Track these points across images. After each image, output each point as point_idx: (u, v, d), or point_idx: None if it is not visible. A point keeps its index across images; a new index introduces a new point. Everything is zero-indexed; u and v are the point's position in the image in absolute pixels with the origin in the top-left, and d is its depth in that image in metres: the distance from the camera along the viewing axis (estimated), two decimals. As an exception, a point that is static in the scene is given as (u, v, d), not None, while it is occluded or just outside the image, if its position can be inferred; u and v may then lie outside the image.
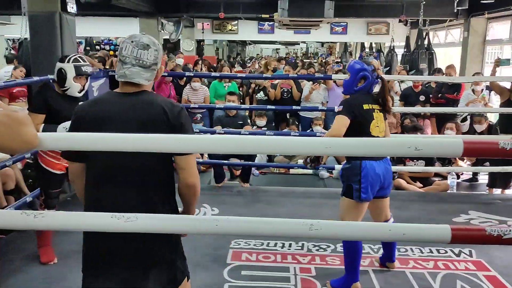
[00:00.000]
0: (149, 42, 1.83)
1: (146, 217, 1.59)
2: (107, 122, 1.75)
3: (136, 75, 1.79)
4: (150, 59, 1.81)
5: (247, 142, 1.61)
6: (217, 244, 3.68)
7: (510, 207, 4.77)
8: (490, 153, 1.52)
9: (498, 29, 9.68)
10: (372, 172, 2.93)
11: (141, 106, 1.78)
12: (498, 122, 5.60)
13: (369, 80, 3.04)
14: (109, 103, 1.81)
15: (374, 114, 3.00)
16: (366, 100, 3.03)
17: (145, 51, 1.80)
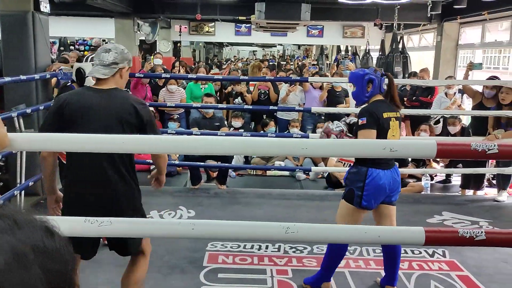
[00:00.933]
0: (112, 47, 2.32)
1: (120, 221, 1.56)
2: (90, 110, 2.19)
3: (96, 71, 2.25)
4: (110, 59, 2.26)
5: (224, 143, 1.60)
6: (194, 247, 3.65)
7: (482, 208, 4.88)
8: (462, 154, 1.56)
9: (470, 34, 9.91)
10: (378, 181, 2.82)
11: (116, 100, 2.23)
12: (470, 124, 5.73)
13: (376, 81, 2.93)
14: (89, 95, 2.25)
15: (390, 123, 2.89)
16: (385, 108, 2.92)
17: (106, 53, 2.27)
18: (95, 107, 2.18)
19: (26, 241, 0.50)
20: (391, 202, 2.98)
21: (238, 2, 9.90)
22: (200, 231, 1.55)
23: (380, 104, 2.93)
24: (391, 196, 2.95)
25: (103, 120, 2.16)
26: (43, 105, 4.68)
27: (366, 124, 2.81)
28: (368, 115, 2.83)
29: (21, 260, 0.49)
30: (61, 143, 1.51)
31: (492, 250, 3.74)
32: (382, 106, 2.91)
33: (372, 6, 10.18)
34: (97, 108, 2.18)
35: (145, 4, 10.39)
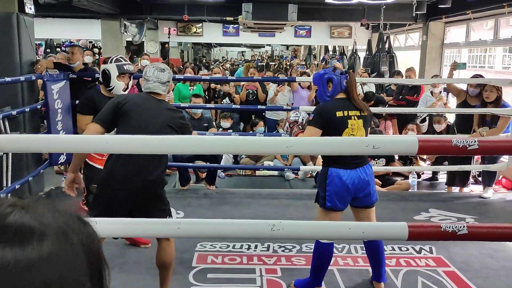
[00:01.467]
0: (164, 67, 2.80)
1: (108, 221, 1.57)
2: (141, 106, 2.65)
3: (156, 87, 2.73)
4: (165, 78, 2.76)
5: (210, 142, 1.61)
6: (182, 247, 3.64)
7: (468, 205, 4.94)
8: (444, 150, 1.58)
9: (455, 33, 10.02)
10: (338, 181, 2.78)
11: (165, 108, 2.75)
12: (455, 122, 5.80)
13: (335, 79, 2.91)
14: (144, 98, 2.74)
15: (349, 121, 2.82)
16: (342, 106, 2.86)
17: (162, 73, 2.75)
18: (148, 107, 2.67)
19: (67, 223, 0.54)
20: (367, 205, 2.92)
21: (226, 2, 9.90)
22: (186, 230, 1.55)
23: (337, 102, 2.89)
24: (362, 198, 2.88)
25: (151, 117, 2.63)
26: (28, 107, 4.65)
27: (311, 121, 2.85)
28: (316, 113, 2.86)
29: (67, 236, 0.53)
30: (46, 144, 1.51)
31: (478, 245, 3.79)
32: (338, 104, 2.87)
33: (358, 6, 10.24)
34: (149, 107, 2.67)
35: (132, 5, 10.35)
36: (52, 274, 0.50)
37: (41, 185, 5.19)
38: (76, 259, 0.53)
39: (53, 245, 0.51)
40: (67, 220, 0.55)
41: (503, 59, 9.65)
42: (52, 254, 0.51)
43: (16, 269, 0.48)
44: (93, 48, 15.53)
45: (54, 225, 0.53)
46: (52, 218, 0.54)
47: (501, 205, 5.03)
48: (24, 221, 0.52)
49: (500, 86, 5.01)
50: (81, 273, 0.53)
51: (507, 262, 3.57)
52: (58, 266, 0.51)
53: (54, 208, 0.56)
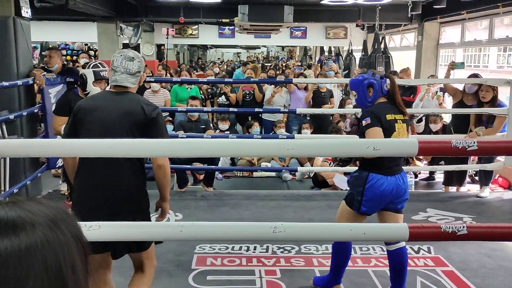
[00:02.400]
0: (134, 55, 2.41)
1: (108, 225, 1.57)
2: (95, 110, 2.31)
3: (124, 80, 2.35)
4: (135, 68, 2.37)
5: (208, 145, 1.62)
6: (181, 250, 3.65)
7: (465, 204, 4.97)
8: (443, 151, 1.60)
9: (450, 33, 10.07)
10: (378, 188, 2.74)
11: (124, 101, 2.33)
12: (451, 122, 5.83)
13: (376, 84, 2.88)
14: (101, 98, 2.43)
15: (396, 125, 2.82)
16: (389, 110, 2.85)
17: (131, 62, 2.37)
18: (102, 107, 2.33)
19: (54, 214, 0.61)
20: (397, 210, 2.87)
21: (221, 4, 9.91)
22: (188, 233, 1.56)
23: (382, 105, 2.88)
24: (396, 203, 2.84)
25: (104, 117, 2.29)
26: (26, 111, 4.64)
27: (370, 123, 2.76)
28: (370, 115, 2.79)
29: (56, 224, 0.59)
30: (44, 148, 1.51)
31: (476, 245, 3.81)
32: (385, 108, 2.85)
33: (353, 7, 10.28)
34: (102, 107, 2.33)
35: (128, 7, 10.34)
36: (50, 258, 0.56)
37: (38, 188, 5.18)
38: (68, 244, 0.58)
39: (45, 232, 0.57)
40: (54, 212, 0.61)
41: (498, 58, 9.71)
42: (46, 240, 0.56)
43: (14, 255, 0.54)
44: (89, 51, 15.50)
45: (43, 216, 0.59)
46: (40, 210, 0.60)
47: (498, 204, 5.05)
48: (14, 214, 0.57)
49: (496, 86, 5.04)
50: (73, 256, 0.59)
51: (505, 262, 3.59)
52: (53, 250, 0.57)
53: (41, 203, 0.62)
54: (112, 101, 2.36)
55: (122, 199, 2.19)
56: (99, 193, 2.21)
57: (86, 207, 2.22)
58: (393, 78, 2.98)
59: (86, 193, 2.27)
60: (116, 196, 2.19)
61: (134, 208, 2.20)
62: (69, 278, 0.58)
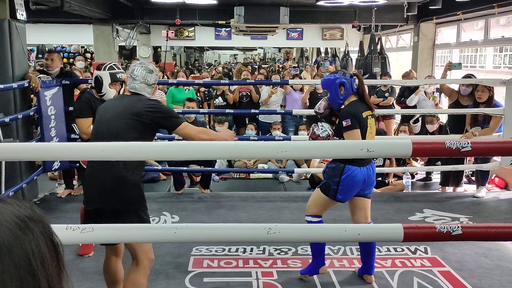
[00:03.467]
0: (153, 68, 2.68)
1: (102, 227, 1.56)
2: (104, 109, 2.61)
3: (143, 89, 2.62)
4: (152, 80, 2.64)
5: (203, 148, 1.62)
6: (178, 252, 3.65)
7: (461, 204, 4.97)
8: (437, 152, 1.60)
9: (446, 34, 10.09)
10: (353, 178, 2.98)
11: (129, 99, 2.59)
12: (447, 122, 5.84)
13: (346, 83, 3.07)
14: (111, 100, 2.81)
15: (368, 122, 3.06)
16: (362, 108, 3.07)
17: (150, 74, 2.63)
18: (109, 107, 2.61)
19: (22, 212, 0.63)
20: (365, 195, 3.16)
21: (217, 6, 9.90)
22: (182, 235, 1.55)
23: (356, 104, 3.08)
24: (365, 189, 3.13)
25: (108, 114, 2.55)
26: (21, 114, 4.63)
27: (350, 125, 2.96)
28: (351, 116, 2.97)
29: (24, 222, 0.62)
30: (40, 152, 1.51)
31: (473, 245, 3.82)
32: (360, 106, 3.07)
33: (349, 8, 10.29)
34: (109, 107, 2.61)
35: (124, 10, 10.33)
36: (18, 254, 0.58)
37: (35, 191, 5.17)
38: (37, 241, 0.61)
39: (13, 230, 0.60)
40: (23, 211, 0.63)
41: (494, 59, 9.74)
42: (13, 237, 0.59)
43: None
44: (85, 53, 15.48)
45: (9, 214, 0.61)
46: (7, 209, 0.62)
47: (494, 204, 5.06)
48: None
49: (492, 86, 5.05)
50: (43, 252, 0.61)
51: (501, 261, 3.60)
52: (22, 246, 0.59)
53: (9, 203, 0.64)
54: (120, 101, 2.64)
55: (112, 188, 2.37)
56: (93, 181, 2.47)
57: (86, 196, 2.53)
58: (361, 77, 3.20)
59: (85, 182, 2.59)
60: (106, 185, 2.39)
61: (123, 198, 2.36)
62: (40, 272, 0.60)
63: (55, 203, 4.94)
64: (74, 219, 4.36)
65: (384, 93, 7.53)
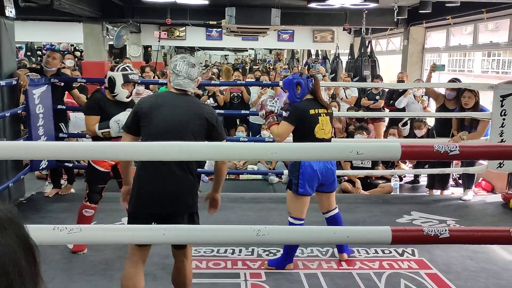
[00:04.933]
0: (195, 62, 2.59)
1: (90, 228, 1.55)
2: (162, 106, 2.47)
3: (187, 85, 2.54)
4: (195, 74, 2.55)
5: (192, 148, 1.61)
6: (166, 253, 3.62)
7: (448, 207, 5.02)
8: (426, 156, 1.61)
9: (436, 38, 10.18)
10: (310, 170, 3.24)
11: (190, 103, 2.53)
12: (434, 126, 5.89)
13: (303, 83, 3.33)
14: (166, 97, 2.58)
15: (319, 118, 3.28)
16: (312, 105, 3.31)
17: (193, 68, 2.54)
18: (167, 103, 2.50)
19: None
20: (328, 191, 3.44)
21: (209, 7, 9.88)
22: (171, 236, 1.55)
23: (308, 102, 3.34)
24: (326, 185, 3.38)
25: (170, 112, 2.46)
26: (9, 112, 4.57)
27: (287, 118, 3.31)
28: (292, 110, 3.31)
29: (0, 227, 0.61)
30: (28, 151, 1.50)
31: (459, 248, 3.85)
32: (309, 104, 3.32)
33: (340, 11, 10.33)
34: (168, 103, 2.50)
35: (114, 8, 10.26)
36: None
37: (21, 191, 5.11)
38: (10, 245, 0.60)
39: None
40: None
41: (482, 63, 9.84)
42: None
43: None
44: (75, 52, 15.36)
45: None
46: None
47: (481, 207, 5.12)
48: None
49: (477, 92, 5.10)
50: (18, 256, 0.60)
51: (487, 264, 3.64)
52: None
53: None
54: (179, 100, 2.53)
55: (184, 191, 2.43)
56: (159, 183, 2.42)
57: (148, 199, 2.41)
58: (318, 78, 3.47)
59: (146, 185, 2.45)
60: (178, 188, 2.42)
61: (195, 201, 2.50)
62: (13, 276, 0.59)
63: (42, 202, 4.89)
64: (61, 219, 4.32)
65: (375, 96, 7.58)
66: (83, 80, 5.73)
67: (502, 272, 3.53)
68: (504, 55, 8.57)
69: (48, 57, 5.07)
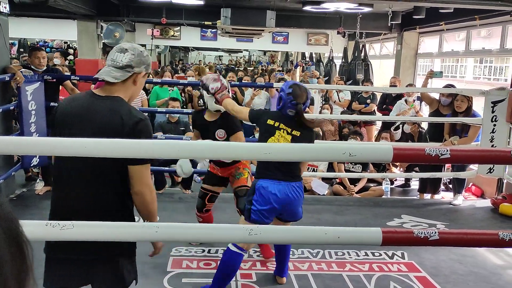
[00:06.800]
0: (129, 46, 1.94)
1: (82, 225, 1.56)
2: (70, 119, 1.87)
3: (106, 73, 1.88)
4: (124, 61, 1.89)
5: (184, 147, 1.62)
6: (157, 252, 3.62)
7: (439, 211, 5.06)
8: (417, 158, 1.64)
9: (429, 43, 10.26)
10: (264, 193, 2.75)
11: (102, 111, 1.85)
12: (427, 130, 5.94)
13: (283, 102, 2.86)
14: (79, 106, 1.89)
15: (277, 132, 2.81)
16: (275, 117, 2.87)
17: (121, 53, 1.90)
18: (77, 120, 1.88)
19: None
20: (288, 220, 2.96)
21: (204, 7, 9.89)
22: (164, 234, 1.56)
23: (273, 112, 3.01)
24: (285, 214, 2.89)
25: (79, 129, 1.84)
26: (1, 108, 4.55)
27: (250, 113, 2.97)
28: (252, 116, 2.95)
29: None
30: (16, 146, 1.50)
31: (448, 251, 3.89)
32: (273, 114, 2.92)
33: (335, 14, 10.38)
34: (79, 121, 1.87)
35: (110, 6, 10.24)
36: None
37: (12, 187, 5.08)
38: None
39: None
40: None
41: (474, 69, 9.93)
42: None
43: None
44: (68, 49, 15.28)
45: None
46: None
47: (470, 212, 5.16)
48: None
49: (470, 97, 5.16)
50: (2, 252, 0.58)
51: (476, 268, 3.68)
52: None
53: None
54: (88, 110, 1.88)
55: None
56: None
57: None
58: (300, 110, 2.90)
59: None
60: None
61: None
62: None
63: (32, 199, 4.87)
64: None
65: (366, 99, 7.62)
66: (77, 78, 5.71)
67: (490, 275, 3.57)
68: (496, 62, 8.66)
69: (36, 58, 4.98)
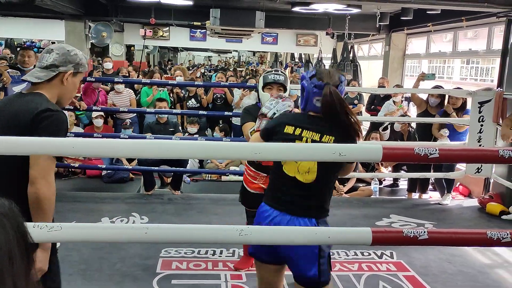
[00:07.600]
0: (55, 47, 1.93)
1: (71, 226, 1.54)
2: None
3: (30, 74, 1.89)
4: (49, 60, 1.88)
5: (178, 146, 1.61)
6: (147, 254, 3.61)
7: (427, 211, 5.10)
8: (406, 158, 1.65)
9: (416, 44, 10.35)
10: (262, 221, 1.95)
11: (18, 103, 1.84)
12: (416, 130, 6.00)
13: (306, 92, 2.07)
14: (6, 98, 2.00)
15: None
16: (296, 120, 2.07)
17: (47, 54, 1.90)
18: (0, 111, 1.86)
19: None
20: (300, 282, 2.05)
21: (193, 7, 9.86)
22: (153, 235, 1.54)
23: (296, 115, 2.30)
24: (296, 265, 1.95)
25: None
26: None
27: (262, 129, 2.19)
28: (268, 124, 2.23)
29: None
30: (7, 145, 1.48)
31: (437, 251, 3.92)
32: (294, 118, 2.13)
33: (324, 15, 10.42)
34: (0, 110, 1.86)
35: (98, 6, 10.17)
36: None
37: None
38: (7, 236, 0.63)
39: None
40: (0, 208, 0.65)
41: (461, 70, 10.03)
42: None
43: None
44: (56, 49, 15.11)
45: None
46: None
47: (458, 211, 5.21)
48: None
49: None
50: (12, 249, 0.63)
51: (464, 267, 3.71)
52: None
53: None
54: (5, 104, 1.89)
55: None
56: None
57: None
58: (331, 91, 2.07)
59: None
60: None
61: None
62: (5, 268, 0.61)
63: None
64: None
65: (353, 100, 7.65)
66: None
67: (478, 275, 3.60)
68: (483, 63, 8.76)
69: (23, 56, 4.95)
